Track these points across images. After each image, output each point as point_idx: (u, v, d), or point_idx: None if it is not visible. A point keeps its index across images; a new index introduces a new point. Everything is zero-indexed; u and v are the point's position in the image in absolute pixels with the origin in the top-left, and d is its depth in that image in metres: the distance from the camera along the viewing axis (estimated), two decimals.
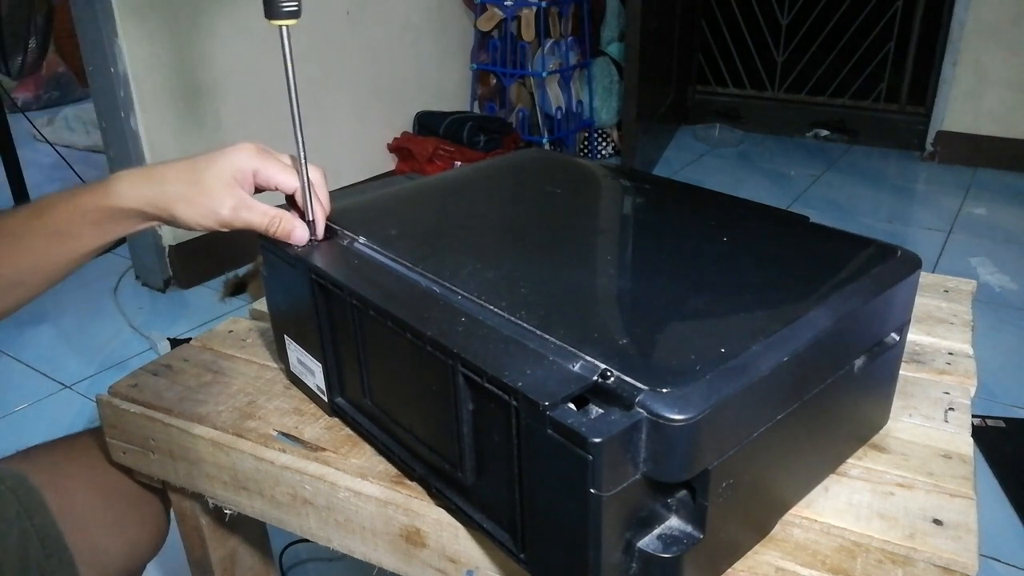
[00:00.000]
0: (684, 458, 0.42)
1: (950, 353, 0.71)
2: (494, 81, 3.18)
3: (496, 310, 0.50)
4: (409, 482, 0.58)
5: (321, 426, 0.65)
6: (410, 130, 2.90)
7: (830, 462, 0.57)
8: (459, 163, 2.69)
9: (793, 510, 0.54)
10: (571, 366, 0.44)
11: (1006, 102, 2.93)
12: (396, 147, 2.82)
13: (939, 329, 0.75)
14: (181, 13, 2.05)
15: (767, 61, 3.91)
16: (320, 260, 0.60)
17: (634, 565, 0.44)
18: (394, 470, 0.59)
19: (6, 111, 2.37)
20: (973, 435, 0.61)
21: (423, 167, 2.71)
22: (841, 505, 0.54)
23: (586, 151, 3.27)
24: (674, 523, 0.46)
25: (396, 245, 0.60)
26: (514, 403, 0.43)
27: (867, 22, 3.65)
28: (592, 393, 0.43)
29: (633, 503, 0.43)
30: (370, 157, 2.77)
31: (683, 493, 0.45)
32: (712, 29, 3.94)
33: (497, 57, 3.06)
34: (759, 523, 0.51)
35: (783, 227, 0.64)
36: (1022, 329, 1.93)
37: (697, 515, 0.45)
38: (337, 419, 0.65)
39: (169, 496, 0.76)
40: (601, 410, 0.42)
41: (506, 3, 2.92)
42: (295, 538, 0.94)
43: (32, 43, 2.37)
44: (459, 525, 0.54)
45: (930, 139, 3.12)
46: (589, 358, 0.44)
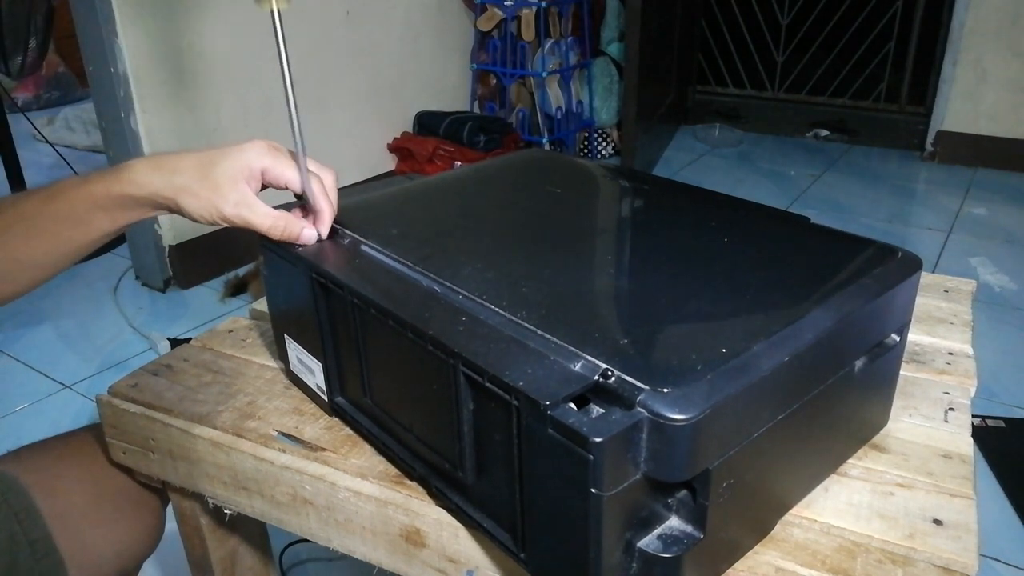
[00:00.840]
0: (685, 458, 0.42)
1: (950, 353, 0.71)
2: (494, 81, 3.18)
3: (497, 310, 0.50)
4: (409, 482, 0.58)
5: (321, 426, 0.65)
6: (410, 130, 2.90)
7: (830, 462, 0.57)
8: (459, 163, 2.69)
9: (793, 510, 0.54)
10: (572, 366, 0.44)
11: (1006, 102, 2.93)
12: (396, 147, 2.82)
13: (939, 329, 0.75)
14: (181, 13, 2.05)
15: (767, 61, 3.91)
16: (321, 259, 0.60)
17: (634, 565, 0.44)
18: (394, 470, 0.59)
19: (6, 111, 2.36)
20: (973, 435, 0.61)
21: (423, 167, 2.71)
22: (841, 505, 0.54)
23: (586, 151, 3.27)
24: (674, 523, 0.46)
25: (397, 244, 0.60)
26: (515, 402, 0.43)
27: (867, 22, 3.65)
28: (593, 393, 0.43)
29: (633, 503, 0.43)
30: (370, 157, 2.77)
31: (683, 493, 0.45)
32: (712, 29, 3.94)
33: (497, 57, 3.06)
34: (759, 523, 0.51)
35: (783, 227, 0.64)
36: (1022, 329, 1.93)
37: (697, 515, 0.45)
38: (337, 419, 0.65)
39: (168, 495, 0.76)
40: (602, 410, 0.42)
41: (506, 3, 2.92)
42: (295, 538, 0.94)
43: (32, 43, 2.37)
44: (459, 525, 0.54)
45: (930, 139, 3.12)
46: (590, 358, 0.44)
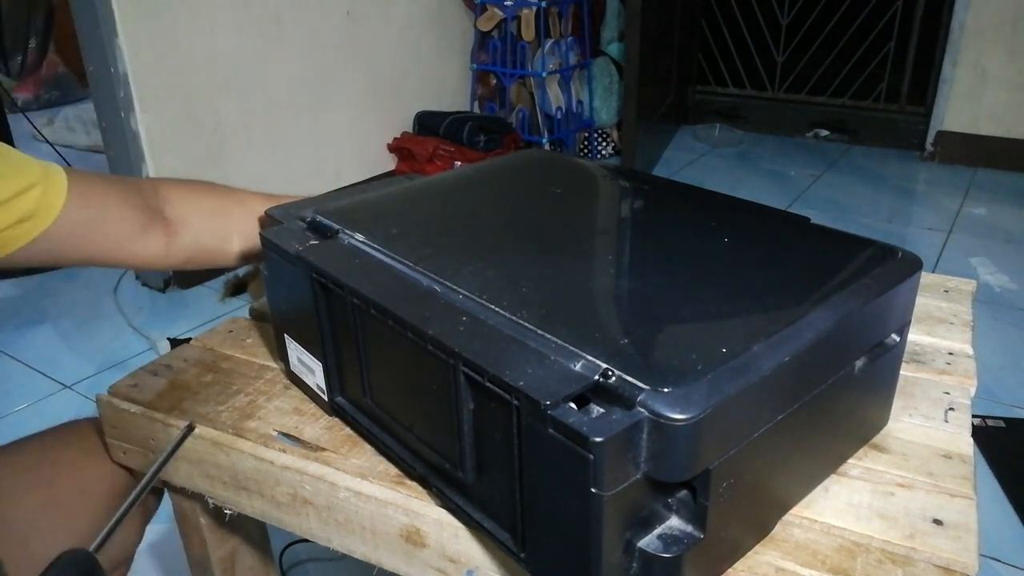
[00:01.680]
0: (685, 458, 0.42)
1: (950, 353, 0.71)
2: (494, 81, 3.18)
3: (497, 309, 0.50)
4: (409, 482, 0.58)
5: (321, 426, 0.65)
6: (410, 130, 2.90)
7: (830, 462, 0.57)
8: (459, 163, 2.69)
9: (793, 510, 0.54)
10: (572, 365, 0.44)
11: (1006, 102, 2.94)
12: (396, 147, 2.82)
13: (939, 329, 0.75)
14: (181, 13, 2.05)
15: (767, 61, 3.92)
16: (321, 259, 0.60)
17: (634, 565, 0.44)
18: (394, 470, 0.59)
19: (6, 111, 2.37)
20: (973, 435, 0.61)
21: (423, 167, 2.71)
22: (841, 505, 0.54)
23: (586, 151, 3.27)
24: (675, 523, 0.46)
25: (397, 244, 0.60)
26: (515, 402, 0.43)
27: (867, 22, 3.65)
28: (593, 392, 0.43)
29: (634, 503, 0.43)
30: (370, 157, 2.77)
31: (684, 493, 0.45)
32: (712, 29, 3.94)
33: (497, 57, 3.06)
34: (759, 523, 0.51)
35: (784, 228, 0.64)
36: (1022, 329, 1.93)
37: (698, 515, 0.45)
38: (337, 419, 0.65)
39: (160, 499, 0.76)
40: (602, 409, 0.42)
41: (506, 3, 2.92)
42: (295, 538, 0.94)
43: (32, 43, 2.37)
44: (459, 525, 0.54)
45: (930, 139, 3.12)
46: (590, 357, 0.44)
